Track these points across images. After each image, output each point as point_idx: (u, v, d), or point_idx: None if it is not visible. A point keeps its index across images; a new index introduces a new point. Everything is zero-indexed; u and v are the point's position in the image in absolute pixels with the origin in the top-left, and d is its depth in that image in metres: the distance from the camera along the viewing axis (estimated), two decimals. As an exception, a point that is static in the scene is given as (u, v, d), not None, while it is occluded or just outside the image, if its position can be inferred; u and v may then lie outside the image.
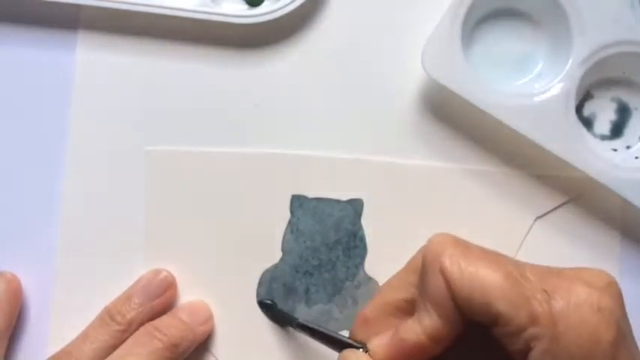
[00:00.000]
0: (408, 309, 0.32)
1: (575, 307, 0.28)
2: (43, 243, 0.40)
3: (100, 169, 0.40)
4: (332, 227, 0.40)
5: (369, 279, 0.39)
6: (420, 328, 0.30)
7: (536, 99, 0.38)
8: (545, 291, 0.28)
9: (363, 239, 0.40)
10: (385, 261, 0.39)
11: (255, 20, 0.39)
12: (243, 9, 0.40)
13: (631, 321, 0.30)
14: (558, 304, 0.28)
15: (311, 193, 0.40)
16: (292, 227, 0.40)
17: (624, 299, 0.30)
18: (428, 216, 0.39)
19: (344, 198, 0.40)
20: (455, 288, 0.29)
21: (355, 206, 0.40)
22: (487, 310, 0.29)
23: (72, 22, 0.40)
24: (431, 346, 0.30)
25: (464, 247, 0.31)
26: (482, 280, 0.29)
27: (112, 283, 0.38)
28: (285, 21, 0.39)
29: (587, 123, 0.40)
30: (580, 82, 0.38)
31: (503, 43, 0.40)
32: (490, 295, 0.28)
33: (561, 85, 0.38)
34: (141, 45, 0.40)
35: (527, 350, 0.28)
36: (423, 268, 0.31)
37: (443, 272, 0.30)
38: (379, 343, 0.32)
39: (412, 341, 0.30)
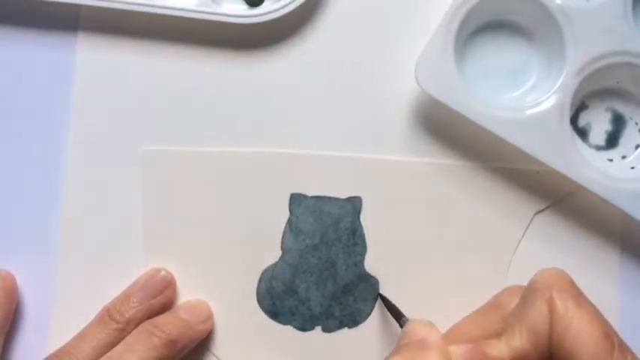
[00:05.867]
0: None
1: None
2: (43, 243, 0.40)
3: (100, 168, 0.40)
4: (331, 225, 0.40)
5: (369, 276, 0.40)
6: (506, 348, 0.30)
7: (531, 111, 0.38)
8: None
9: (362, 237, 0.40)
10: (385, 258, 0.40)
11: (255, 20, 0.39)
12: (243, 9, 0.40)
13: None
14: None
15: (310, 192, 0.40)
16: (291, 226, 0.40)
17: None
18: (427, 213, 0.40)
19: (343, 196, 0.40)
20: (555, 322, 0.29)
21: (354, 204, 0.40)
22: (573, 356, 0.29)
23: (72, 22, 0.41)
24: None
25: (578, 291, 0.31)
26: (583, 326, 0.29)
27: (112, 283, 0.38)
28: (285, 21, 0.39)
29: (582, 134, 0.40)
30: (574, 93, 0.38)
31: (497, 55, 0.40)
32: (583, 343, 0.29)
33: (555, 96, 0.38)
34: (141, 45, 0.41)
35: None
36: (530, 292, 0.31)
37: (550, 303, 0.30)
38: (458, 349, 0.31)
39: (494, 357, 0.30)
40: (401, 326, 0.35)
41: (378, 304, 0.40)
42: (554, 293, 0.30)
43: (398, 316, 0.37)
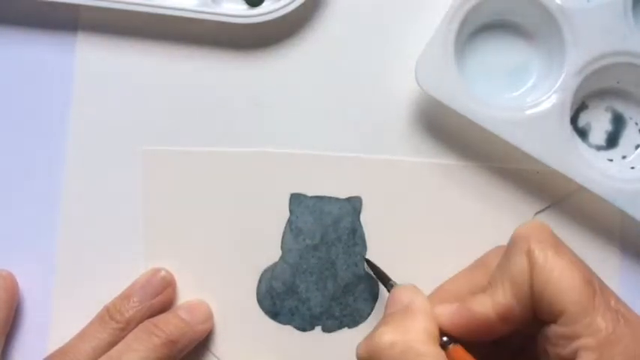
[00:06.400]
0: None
1: (637, 339, 0.28)
2: (43, 243, 0.40)
3: (100, 169, 0.40)
4: (331, 225, 0.40)
5: (369, 276, 0.40)
6: (490, 302, 0.30)
7: (531, 111, 0.38)
8: (616, 311, 0.29)
9: (362, 237, 0.40)
10: (385, 258, 0.40)
11: (255, 20, 0.39)
12: (243, 9, 0.40)
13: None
14: (623, 329, 0.28)
15: (310, 192, 0.40)
16: (291, 226, 0.40)
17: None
18: (427, 213, 0.40)
19: (343, 196, 0.40)
20: (535, 273, 0.29)
21: (354, 204, 0.40)
22: (554, 305, 0.29)
23: (71, 22, 0.41)
24: (495, 323, 0.30)
25: (556, 240, 0.31)
26: (563, 274, 0.29)
27: (112, 283, 0.38)
28: (285, 21, 0.39)
29: (583, 133, 0.40)
30: (574, 93, 0.38)
31: (497, 55, 0.40)
32: (564, 292, 0.29)
33: (555, 96, 0.38)
34: (141, 45, 0.41)
35: (571, 358, 0.28)
36: (510, 246, 0.31)
37: (529, 254, 0.30)
38: (444, 309, 0.31)
39: (479, 313, 0.30)
40: (388, 290, 0.35)
41: (378, 302, 0.40)
42: (533, 244, 0.30)
43: (385, 280, 0.37)
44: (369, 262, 0.39)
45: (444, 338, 0.31)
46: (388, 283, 0.36)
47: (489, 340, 0.31)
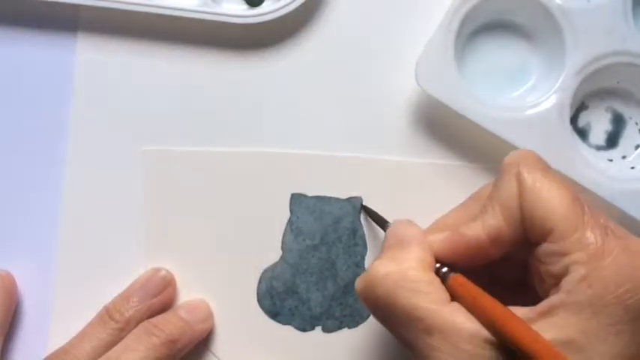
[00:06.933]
0: None
1: (627, 251, 0.28)
2: (43, 243, 0.40)
3: (100, 169, 0.40)
4: (331, 225, 0.40)
5: (369, 276, 0.40)
6: (481, 226, 0.31)
7: (531, 111, 0.38)
8: (605, 227, 0.29)
9: (362, 237, 0.40)
10: (385, 258, 0.40)
11: (255, 20, 0.39)
12: (243, 9, 0.40)
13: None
14: (612, 243, 0.28)
15: (310, 192, 0.40)
16: (292, 226, 0.40)
17: None
18: (427, 213, 0.39)
19: (343, 196, 0.40)
20: (524, 193, 0.30)
21: (354, 204, 0.40)
22: (544, 223, 0.29)
23: (71, 22, 0.41)
24: (486, 245, 0.31)
25: (545, 164, 0.31)
26: (551, 193, 0.29)
27: (112, 283, 0.38)
28: (285, 21, 0.39)
29: (582, 134, 0.40)
30: (574, 93, 0.38)
31: (497, 55, 0.40)
32: (552, 210, 0.29)
33: (555, 96, 0.38)
34: (141, 45, 0.41)
35: (563, 274, 0.28)
36: (501, 172, 0.32)
37: (518, 177, 0.30)
38: (436, 236, 0.32)
39: (471, 236, 0.31)
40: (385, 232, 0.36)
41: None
42: (522, 168, 0.30)
43: (383, 223, 0.37)
44: (365, 207, 0.39)
45: (444, 269, 0.31)
46: (386, 224, 0.36)
47: (481, 264, 0.32)
